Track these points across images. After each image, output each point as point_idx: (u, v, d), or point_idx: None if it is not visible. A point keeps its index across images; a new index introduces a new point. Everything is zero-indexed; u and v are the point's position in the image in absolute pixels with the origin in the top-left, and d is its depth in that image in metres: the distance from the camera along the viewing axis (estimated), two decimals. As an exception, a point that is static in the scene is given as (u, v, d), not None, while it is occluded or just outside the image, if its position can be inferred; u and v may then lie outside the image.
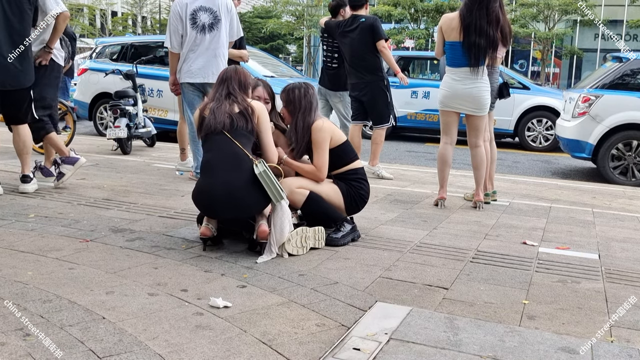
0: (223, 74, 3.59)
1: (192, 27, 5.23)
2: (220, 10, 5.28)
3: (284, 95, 3.85)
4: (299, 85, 3.85)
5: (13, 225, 3.83)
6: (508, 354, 2.29)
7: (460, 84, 4.82)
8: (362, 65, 6.15)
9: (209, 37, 5.25)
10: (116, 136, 6.97)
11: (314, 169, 3.77)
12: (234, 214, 3.38)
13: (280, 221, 3.33)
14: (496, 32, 4.69)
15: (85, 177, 5.49)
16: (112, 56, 9.87)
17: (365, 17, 6.15)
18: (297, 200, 3.68)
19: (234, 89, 3.49)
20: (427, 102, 10.72)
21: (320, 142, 3.75)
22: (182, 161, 6.00)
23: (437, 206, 4.96)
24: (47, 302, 2.60)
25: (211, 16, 5.26)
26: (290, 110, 3.81)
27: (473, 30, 4.68)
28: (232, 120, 3.39)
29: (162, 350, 2.20)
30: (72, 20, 31.89)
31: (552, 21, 28.32)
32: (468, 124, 4.99)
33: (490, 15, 4.67)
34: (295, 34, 32.22)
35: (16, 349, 2.17)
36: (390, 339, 2.38)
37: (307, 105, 3.78)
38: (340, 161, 3.87)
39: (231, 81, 3.52)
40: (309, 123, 3.76)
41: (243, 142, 3.40)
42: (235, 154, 3.35)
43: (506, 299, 2.87)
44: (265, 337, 2.35)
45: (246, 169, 3.32)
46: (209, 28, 5.25)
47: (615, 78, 7.37)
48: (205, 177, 3.38)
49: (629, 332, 2.55)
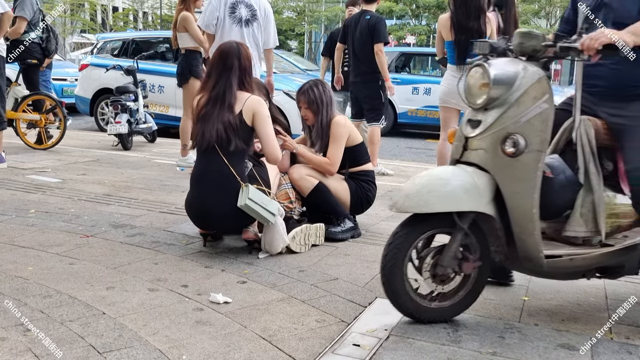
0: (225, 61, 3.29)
1: (230, 16, 5.23)
2: (259, 10, 5.28)
3: (304, 97, 3.84)
4: (314, 83, 3.87)
5: (14, 220, 3.83)
6: (508, 350, 2.29)
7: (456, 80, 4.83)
8: (361, 62, 6.13)
9: (246, 32, 5.25)
10: (117, 132, 6.96)
11: (326, 161, 3.77)
12: (224, 228, 3.47)
13: (270, 237, 3.30)
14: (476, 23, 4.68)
15: (85, 173, 5.49)
16: (113, 52, 9.86)
17: (371, 15, 6.11)
18: (305, 188, 3.70)
19: (230, 87, 3.25)
20: (428, 98, 10.70)
21: (338, 137, 3.78)
22: (183, 157, 5.99)
23: None
24: (47, 298, 2.61)
25: (249, 12, 5.26)
26: (314, 109, 3.82)
27: (458, 27, 4.73)
28: (223, 133, 3.18)
29: (162, 346, 2.20)
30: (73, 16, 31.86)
31: (553, 18, 28.27)
32: None
33: (469, 9, 4.69)
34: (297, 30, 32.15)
35: (17, 344, 2.17)
36: (390, 335, 2.39)
37: (327, 100, 3.83)
38: (355, 161, 3.91)
39: (231, 74, 3.28)
40: (331, 117, 3.81)
41: (234, 159, 3.23)
42: (224, 175, 3.20)
43: (506, 296, 2.87)
44: (265, 333, 2.35)
45: (234, 191, 3.19)
46: (245, 22, 5.24)
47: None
48: (194, 191, 3.33)
49: (629, 329, 2.55)
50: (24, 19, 6.26)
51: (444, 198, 2.31)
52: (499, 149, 2.31)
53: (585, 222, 2.48)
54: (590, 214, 2.48)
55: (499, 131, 2.31)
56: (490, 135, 2.32)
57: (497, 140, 2.31)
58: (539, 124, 2.31)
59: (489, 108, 2.34)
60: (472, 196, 2.31)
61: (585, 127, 2.52)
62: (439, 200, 2.31)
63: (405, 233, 2.40)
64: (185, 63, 5.77)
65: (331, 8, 30.00)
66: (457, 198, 2.31)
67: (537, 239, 2.36)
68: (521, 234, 2.36)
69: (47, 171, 5.48)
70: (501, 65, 2.35)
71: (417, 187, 2.36)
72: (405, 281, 2.42)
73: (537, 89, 2.31)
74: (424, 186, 2.35)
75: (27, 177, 5.18)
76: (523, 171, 2.32)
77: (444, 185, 2.33)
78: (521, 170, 2.32)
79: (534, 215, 2.33)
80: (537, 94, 2.32)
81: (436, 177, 2.39)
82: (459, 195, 2.31)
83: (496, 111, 2.32)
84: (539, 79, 2.32)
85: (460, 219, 2.37)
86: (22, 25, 6.27)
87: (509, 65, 2.35)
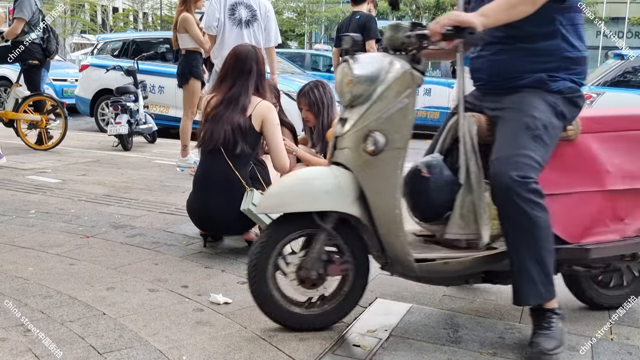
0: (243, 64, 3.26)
1: (230, 18, 5.23)
2: (259, 10, 5.28)
3: (305, 99, 3.84)
4: (314, 84, 3.87)
5: (14, 221, 3.83)
6: (508, 351, 2.29)
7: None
8: None
9: (246, 33, 5.25)
10: (117, 132, 6.97)
11: (327, 162, 3.76)
12: (226, 231, 3.48)
13: None
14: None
15: (86, 173, 5.50)
16: (113, 52, 9.86)
17: (360, 15, 6.14)
18: None
19: (246, 91, 3.23)
20: (428, 99, 10.69)
21: None
22: (183, 157, 5.99)
23: None
24: (47, 298, 2.61)
25: (249, 13, 5.26)
26: (315, 111, 3.83)
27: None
28: (231, 135, 3.16)
29: (162, 346, 2.20)
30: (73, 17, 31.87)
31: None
32: None
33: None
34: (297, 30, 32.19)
35: (17, 344, 2.17)
36: (390, 335, 2.39)
37: (328, 102, 3.83)
38: None
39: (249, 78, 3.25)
40: (332, 119, 3.81)
41: (239, 163, 3.21)
42: (228, 178, 3.18)
43: (506, 296, 2.86)
44: (265, 333, 2.35)
45: (238, 195, 3.17)
46: (245, 24, 5.24)
47: (617, 75, 7.36)
48: (197, 193, 3.32)
49: (629, 329, 2.55)
50: (22, 20, 6.27)
51: (302, 198, 2.24)
52: (361, 147, 2.21)
53: (466, 224, 2.32)
54: (472, 215, 2.31)
55: (361, 129, 2.21)
56: (354, 133, 2.22)
57: (359, 139, 2.21)
58: (399, 120, 2.21)
59: (354, 105, 2.25)
60: (333, 196, 2.22)
61: (468, 123, 2.37)
62: (296, 200, 2.24)
63: (268, 236, 2.33)
64: (186, 64, 5.78)
65: (331, 9, 30.06)
66: (316, 198, 2.22)
67: (403, 241, 2.24)
68: (387, 236, 2.25)
69: (48, 172, 5.48)
70: (366, 60, 2.26)
71: (279, 187, 2.33)
72: (271, 286, 2.32)
73: (400, 84, 2.20)
74: (285, 186, 2.31)
75: (27, 177, 5.18)
76: (383, 170, 2.21)
77: (303, 185, 2.27)
78: (381, 168, 2.21)
79: (396, 217, 2.22)
80: (400, 88, 2.20)
81: (298, 177, 2.33)
82: (318, 195, 2.23)
83: (360, 108, 2.23)
84: (403, 73, 2.20)
85: (323, 220, 2.27)
86: (20, 25, 6.27)
87: (375, 60, 2.26)
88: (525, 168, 2.15)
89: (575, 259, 2.46)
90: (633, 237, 2.51)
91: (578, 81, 2.36)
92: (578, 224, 2.43)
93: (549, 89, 2.31)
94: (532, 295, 2.21)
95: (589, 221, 2.44)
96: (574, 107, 2.35)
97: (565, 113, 2.31)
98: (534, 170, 2.17)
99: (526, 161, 2.17)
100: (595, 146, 2.43)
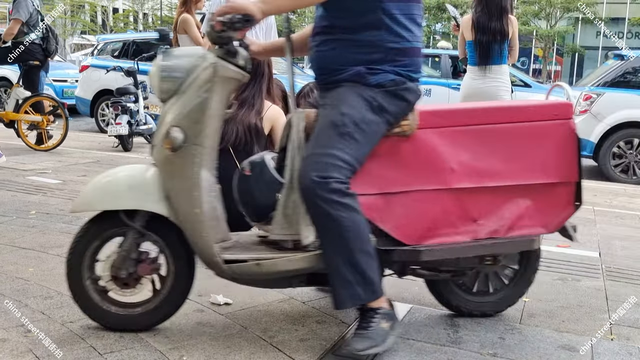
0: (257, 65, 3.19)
1: None
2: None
3: (304, 100, 3.83)
4: (314, 85, 3.85)
5: (14, 221, 3.83)
6: (508, 351, 2.29)
7: (479, 82, 4.84)
8: None
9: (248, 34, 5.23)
10: (117, 133, 6.97)
11: None
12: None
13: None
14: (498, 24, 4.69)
15: (86, 174, 5.50)
16: (113, 53, 9.87)
17: None
18: None
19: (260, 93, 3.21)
20: (428, 99, 10.70)
21: None
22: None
23: None
24: (48, 299, 2.61)
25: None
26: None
27: (478, 28, 4.74)
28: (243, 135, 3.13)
29: (162, 347, 2.20)
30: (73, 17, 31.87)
31: (553, 19, 28.29)
32: None
33: (490, 8, 4.69)
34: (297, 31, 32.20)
35: (17, 345, 2.18)
36: (391, 336, 2.38)
37: None
38: None
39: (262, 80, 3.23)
40: None
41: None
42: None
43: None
44: (266, 334, 2.35)
45: None
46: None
47: (617, 76, 7.36)
48: None
49: (629, 330, 2.55)
50: (19, 21, 6.28)
51: (105, 196, 2.20)
52: (162, 143, 2.17)
53: (289, 224, 2.19)
54: (295, 215, 2.18)
55: (165, 125, 2.17)
56: (160, 129, 2.19)
57: (162, 134, 2.17)
58: (197, 115, 2.14)
59: (164, 100, 2.21)
60: (137, 194, 2.18)
61: (297, 119, 2.24)
62: (101, 199, 2.21)
63: (80, 235, 2.27)
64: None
65: (331, 9, 30.00)
66: (119, 196, 2.19)
67: (207, 241, 2.17)
68: (191, 237, 2.19)
69: (48, 172, 5.48)
70: (177, 54, 2.23)
71: (90, 185, 2.27)
72: (86, 286, 2.27)
73: (203, 78, 2.14)
74: (94, 184, 2.25)
75: (27, 178, 5.18)
76: (181, 167, 2.16)
77: (109, 183, 2.24)
78: (179, 165, 2.16)
79: (197, 216, 2.15)
80: (201, 83, 2.14)
81: (108, 175, 2.29)
82: (121, 193, 2.19)
83: (168, 104, 2.19)
84: (206, 67, 2.14)
85: (132, 218, 2.22)
86: (16, 26, 6.28)
87: (185, 54, 2.22)
88: (327, 168, 2.06)
89: (408, 261, 2.33)
90: (485, 239, 2.32)
91: (405, 73, 2.21)
92: (418, 224, 2.27)
93: (367, 83, 2.17)
94: (350, 297, 2.11)
95: (431, 221, 2.28)
96: (399, 100, 2.20)
97: (385, 107, 2.17)
98: (338, 170, 2.07)
99: (328, 160, 2.07)
100: (437, 142, 2.26)
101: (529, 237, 2.37)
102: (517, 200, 2.33)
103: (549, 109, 2.36)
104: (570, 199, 2.36)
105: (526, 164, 2.32)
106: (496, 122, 2.32)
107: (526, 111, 2.35)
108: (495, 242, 2.33)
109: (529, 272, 2.57)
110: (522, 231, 2.34)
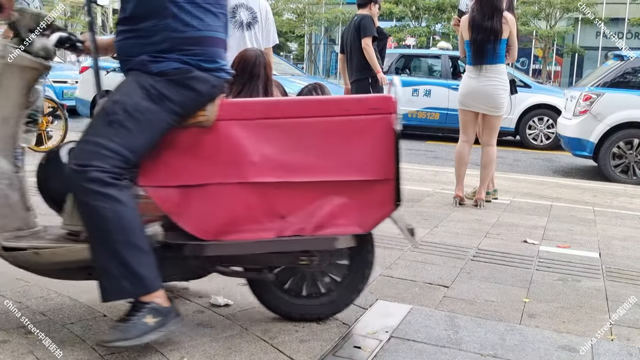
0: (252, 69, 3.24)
1: (231, 21, 5.24)
2: (260, 12, 5.29)
3: None
4: (312, 87, 3.87)
5: (15, 223, 3.83)
6: (508, 352, 2.29)
7: (475, 81, 4.86)
8: (353, 63, 6.17)
9: (247, 35, 5.26)
10: (117, 134, 6.98)
11: None
12: None
13: None
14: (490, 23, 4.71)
15: (86, 175, 5.49)
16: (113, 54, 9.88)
17: (357, 16, 6.19)
18: None
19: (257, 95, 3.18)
20: (428, 100, 10.71)
21: None
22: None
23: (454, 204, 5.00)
24: (49, 300, 2.61)
25: (250, 15, 5.27)
26: None
27: (474, 27, 4.77)
28: None
29: (163, 348, 2.20)
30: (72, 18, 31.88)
31: (553, 19, 28.29)
32: (483, 122, 5.02)
33: (484, 8, 4.72)
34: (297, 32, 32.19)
35: (18, 346, 2.18)
36: (391, 337, 2.39)
37: None
38: None
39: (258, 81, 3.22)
40: None
41: None
42: None
43: (507, 297, 2.87)
44: (266, 335, 2.35)
45: None
46: (246, 26, 5.25)
47: (617, 76, 7.37)
48: None
49: (630, 330, 2.56)
50: None
51: None
52: None
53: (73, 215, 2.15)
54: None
55: None
56: None
57: None
58: None
59: None
60: None
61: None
62: None
63: None
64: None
65: (331, 10, 30.05)
66: None
67: None
68: None
69: (48, 173, 5.47)
70: None
71: None
72: None
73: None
74: None
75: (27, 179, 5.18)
76: None
77: None
78: None
79: None
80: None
81: None
82: None
83: None
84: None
85: None
86: None
87: None
88: (88, 156, 2.02)
89: (194, 257, 2.24)
90: (290, 237, 2.21)
91: (194, 62, 2.16)
92: (216, 219, 2.18)
93: (149, 71, 2.14)
94: (114, 291, 2.06)
95: (232, 217, 2.19)
96: (186, 90, 2.15)
97: (167, 95, 2.12)
98: (100, 158, 2.02)
99: (91, 148, 2.04)
100: (239, 134, 2.18)
101: (333, 237, 2.23)
102: (330, 197, 2.22)
103: (367, 102, 2.24)
104: (388, 198, 2.22)
105: (341, 159, 2.21)
106: (309, 116, 2.23)
107: (342, 104, 2.24)
108: (296, 240, 2.22)
109: (363, 267, 2.42)
110: (335, 229, 2.22)
